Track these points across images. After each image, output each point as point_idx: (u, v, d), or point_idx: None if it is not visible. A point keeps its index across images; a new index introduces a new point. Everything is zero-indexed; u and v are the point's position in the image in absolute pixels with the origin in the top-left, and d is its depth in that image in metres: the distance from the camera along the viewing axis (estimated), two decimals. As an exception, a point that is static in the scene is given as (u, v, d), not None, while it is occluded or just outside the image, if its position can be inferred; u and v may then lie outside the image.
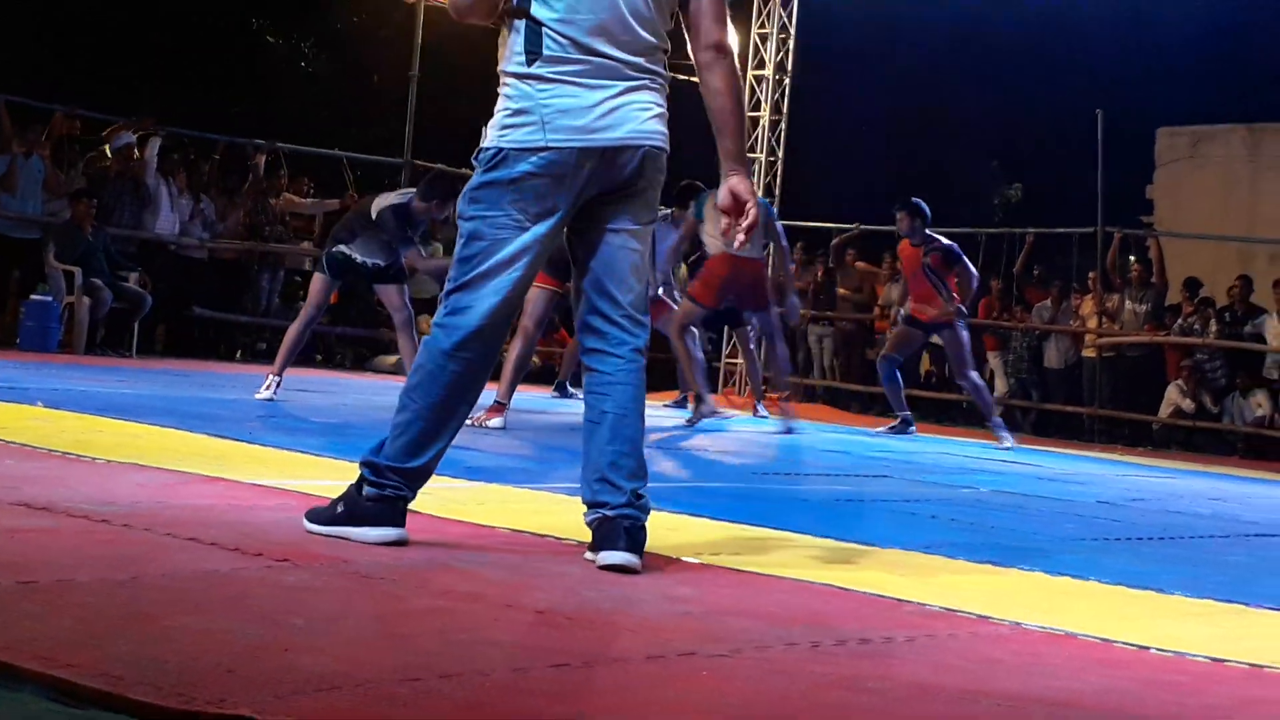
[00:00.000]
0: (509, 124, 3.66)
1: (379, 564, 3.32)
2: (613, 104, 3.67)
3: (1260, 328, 14.72)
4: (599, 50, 3.65)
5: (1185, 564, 5.05)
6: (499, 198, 3.64)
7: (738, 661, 2.66)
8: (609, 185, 3.72)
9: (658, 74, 3.79)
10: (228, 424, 6.56)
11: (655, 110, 3.76)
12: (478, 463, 6.06)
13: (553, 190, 3.64)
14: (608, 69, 3.67)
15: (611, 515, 3.63)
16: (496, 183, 3.64)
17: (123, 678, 2.10)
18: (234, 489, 4.45)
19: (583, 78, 3.64)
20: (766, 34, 16.44)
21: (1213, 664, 3.03)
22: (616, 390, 3.73)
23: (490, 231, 3.64)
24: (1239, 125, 21.15)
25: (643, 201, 3.80)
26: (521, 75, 3.66)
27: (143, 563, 3.08)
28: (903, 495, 6.74)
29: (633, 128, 3.69)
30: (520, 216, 3.64)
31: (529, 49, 3.65)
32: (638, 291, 3.81)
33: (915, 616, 3.33)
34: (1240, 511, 7.56)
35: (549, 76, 3.63)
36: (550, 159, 3.62)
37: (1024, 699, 2.58)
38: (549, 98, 3.62)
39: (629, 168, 3.71)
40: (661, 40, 3.79)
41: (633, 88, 3.71)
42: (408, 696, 2.18)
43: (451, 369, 3.64)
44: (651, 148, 3.74)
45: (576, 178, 3.65)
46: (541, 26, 3.64)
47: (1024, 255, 16.52)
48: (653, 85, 3.77)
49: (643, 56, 3.73)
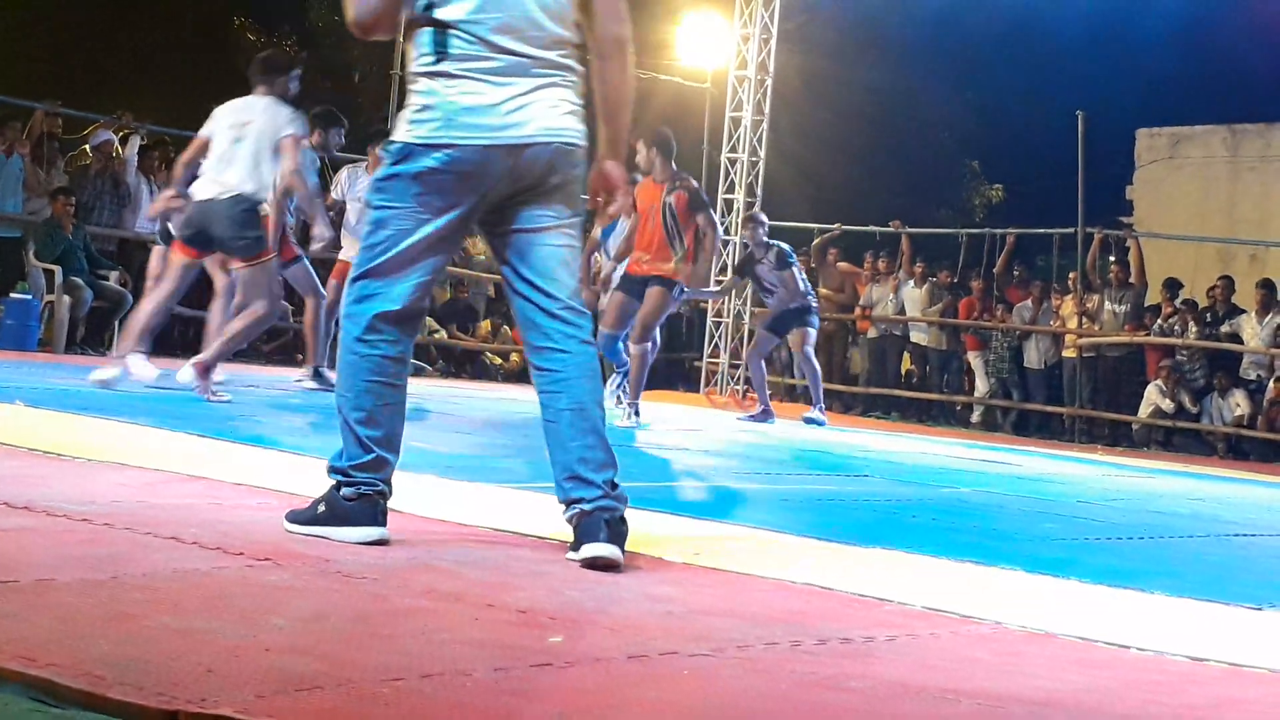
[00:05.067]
0: (415, 119, 3.71)
1: (361, 563, 3.32)
2: (521, 101, 3.71)
3: (1237, 327, 14.78)
4: (506, 47, 3.70)
5: (1165, 564, 5.07)
6: (404, 190, 3.70)
7: (719, 661, 2.66)
8: (522, 183, 3.76)
9: (569, 69, 3.83)
10: (208, 422, 6.54)
11: (568, 107, 3.81)
12: (460, 462, 6.06)
13: (457, 186, 3.69)
14: (516, 66, 3.71)
15: (589, 509, 3.64)
16: (401, 176, 3.70)
17: (104, 678, 2.10)
18: (215, 488, 4.44)
19: (490, 75, 3.69)
20: (748, 35, 16.45)
21: (1192, 663, 3.04)
22: (569, 386, 3.75)
23: (395, 222, 3.71)
24: (1218, 126, 21.20)
25: (561, 196, 3.83)
26: (429, 73, 3.71)
27: (123, 562, 3.07)
28: (884, 495, 6.75)
29: (542, 124, 3.74)
30: (424, 210, 3.69)
31: (436, 49, 3.70)
32: (572, 285, 3.85)
33: (896, 616, 3.33)
34: (1219, 511, 7.59)
35: (455, 73, 3.69)
36: (454, 155, 3.67)
37: (1005, 698, 2.59)
38: (455, 95, 3.67)
39: (540, 164, 3.75)
40: (572, 34, 3.83)
41: (543, 85, 3.76)
42: (389, 696, 2.18)
43: (366, 354, 3.69)
44: (562, 144, 3.78)
45: (483, 174, 3.69)
46: (448, 27, 3.69)
47: (1004, 255, 16.57)
48: (564, 82, 3.81)
49: (553, 52, 3.78)
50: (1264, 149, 20.43)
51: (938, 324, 16.60)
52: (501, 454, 7.23)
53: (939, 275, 16.86)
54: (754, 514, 5.26)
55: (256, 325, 8.43)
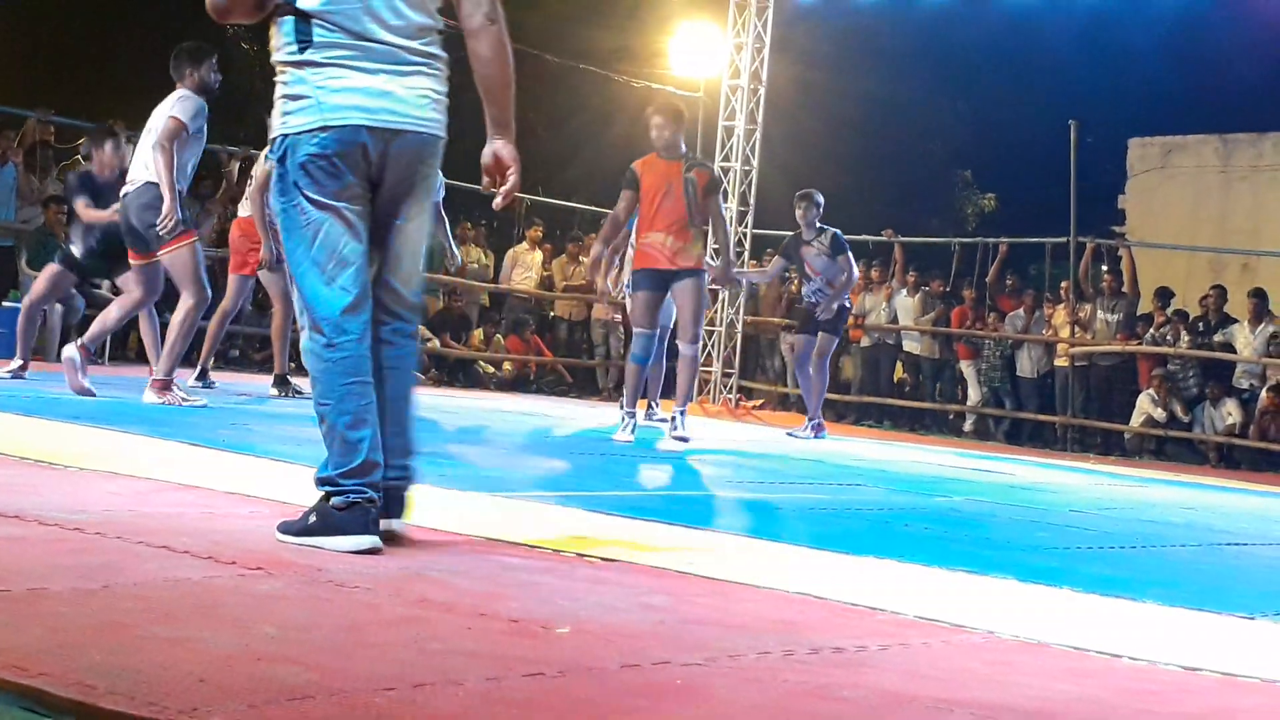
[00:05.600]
0: (288, 110, 3.76)
1: (352, 572, 3.31)
2: (389, 87, 3.75)
3: (1230, 337, 14.81)
4: (370, 35, 3.73)
5: (1157, 573, 5.07)
6: (296, 185, 3.73)
7: (712, 670, 2.66)
8: (388, 169, 3.79)
9: (434, 57, 3.86)
10: (200, 431, 6.53)
11: (433, 97, 3.85)
12: (452, 470, 6.05)
13: (341, 167, 3.72)
14: (381, 53, 3.74)
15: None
16: (290, 171, 3.74)
17: (95, 687, 2.09)
18: (207, 497, 4.43)
19: (357, 62, 3.72)
20: (741, 44, 16.47)
21: (1185, 673, 3.04)
22: (394, 376, 3.87)
23: (301, 220, 3.74)
24: (1210, 136, 21.25)
25: (423, 189, 3.90)
26: (296, 63, 3.74)
27: (115, 571, 3.06)
28: (877, 504, 6.75)
29: (411, 113, 3.79)
30: (322, 196, 3.72)
31: (299, 39, 3.73)
32: (417, 280, 3.94)
33: (889, 625, 3.33)
34: (1212, 520, 7.60)
35: (322, 62, 3.72)
36: (332, 137, 3.70)
37: (997, 708, 2.58)
38: (324, 81, 3.70)
39: (408, 154, 3.80)
40: (434, 20, 3.87)
41: (408, 73, 3.79)
42: (381, 706, 2.18)
43: (338, 356, 3.72)
44: (429, 134, 3.83)
45: (361, 154, 3.73)
46: (310, 17, 3.72)
47: (997, 265, 16.60)
48: (429, 70, 3.85)
49: (416, 40, 3.81)
50: (1256, 159, 20.48)
51: (930, 333, 16.62)
52: (493, 463, 7.22)
53: (931, 284, 16.89)
54: (747, 523, 5.27)
55: (192, 316, 8.41)
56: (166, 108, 8.36)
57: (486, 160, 3.95)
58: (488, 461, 7.22)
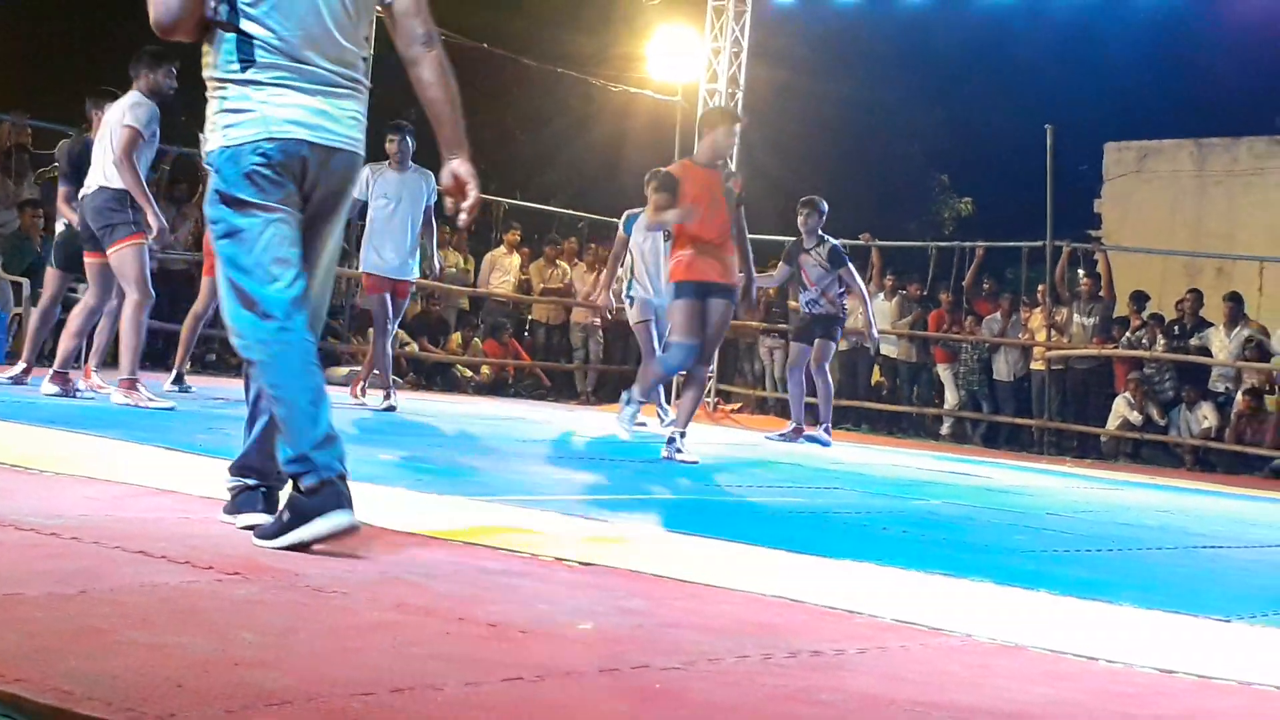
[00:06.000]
0: (231, 123, 3.86)
1: (330, 577, 3.30)
2: (324, 108, 3.91)
3: (1206, 340, 14.87)
4: (308, 59, 3.89)
5: (1133, 576, 5.09)
6: (237, 192, 3.83)
7: (690, 674, 2.66)
8: (323, 189, 3.95)
9: (361, 83, 4.06)
10: (177, 435, 6.51)
11: (359, 119, 4.05)
12: (430, 474, 6.05)
13: (282, 177, 3.85)
14: (318, 77, 3.90)
15: (253, 484, 3.95)
16: (232, 180, 3.83)
17: (72, 693, 2.08)
18: (184, 501, 4.42)
19: (296, 84, 3.86)
20: (719, 48, 16.49)
21: (1161, 675, 3.06)
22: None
23: (244, 224, 3.83)
24: (1186, 140, 21.33)
25: (342, 203, 4.08)
26: (237, 80, 3.85)
27: (92, 576, 3.05)
28: (854, 507, 6.76)
29: (344, 133, 3.97)
30: (266, 203, 3.83)
31: (241, 58, 3.85)
32: (325, 295, 4.10)
33: (867, 628, 3.34)
34: (1187, 523, 7.62)
35: (266, 81, 3.85)
36: (275, 149, 3.83)
37: (975, 710, 2.59)
38: (268, 99, 3.84)
39: (340, 170, 3.97)
40: (362, 49, 4.06)
41: (340, 95, 3.96)
42: (359, 711, 2.17)
43: (293, 341, 3.80)
44: (356, 153, 4.03)
45: (302, 167, 3.88)
46: (251, 38, 3.84)
47: (974, 268, 16.64)
48: (357, 94, 4.04)
49: (348, 66, 3.99)
50: (1231, 163, 20.57)
51: (907, 336, 16.66)
52: (472, 466, 7.21)
53: (909, 288, 16.93)
54: (725, 526, 5.26)
55: (139, 313, 8.53)
56: (119, 113, 8.38)
57: (446, 181, 4.07)
58: (465, 465, 7.21)
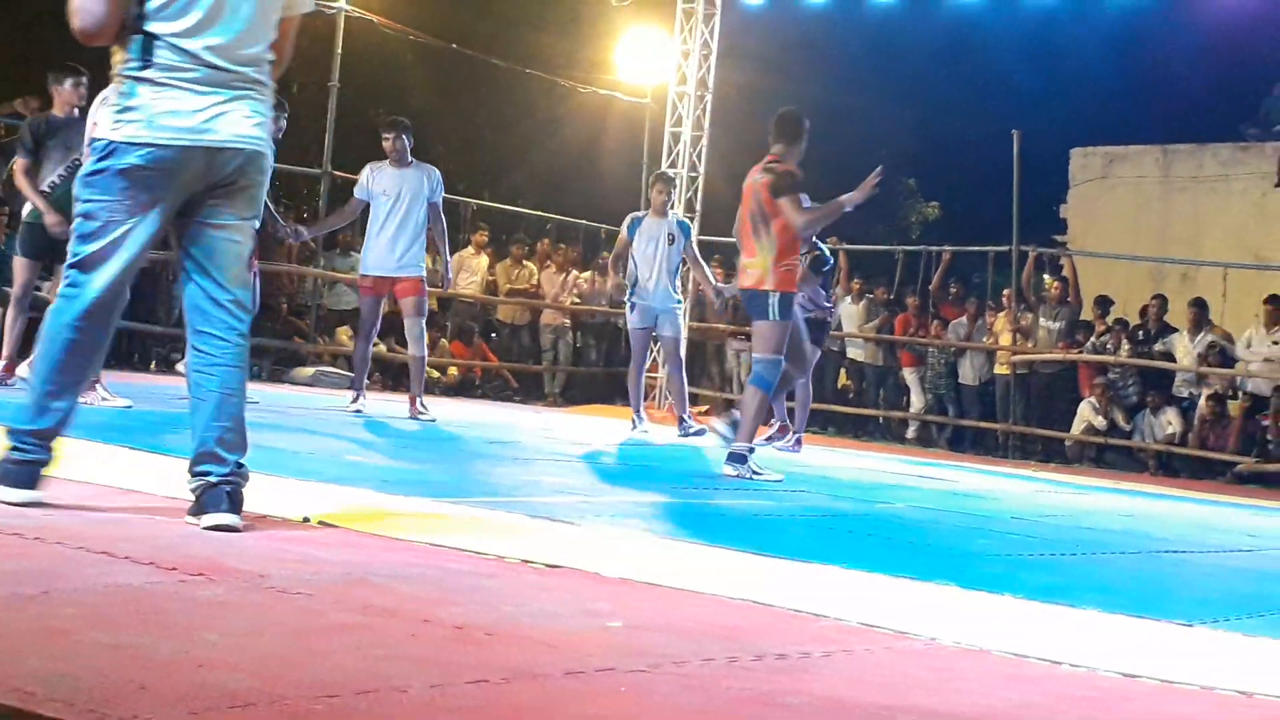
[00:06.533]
0: (119, 120, 4.05)
1: (295, 578, 3.29)
2: (219, 109, 4.08)
3: (1170, 346, 14.96)
4: (208, 61, 4.07)
5: (1097, 580, 5.12)
6: (110, 185, 4.04)
7: (656, 677, 2.67)
8: (213, 181, 4.11)
9: (263, 84, 4.22)
10: (141, 435, 6.47)
11: (258, 118, 4.19)
12: (396, 476, 6.04)
13: (159, 182, 4.04)
14: (216, 78, 4.08)
15: (215, 481, 4.01)
16: (107, 172, 4.06)
17: (34, 694, 2.07)
18: (148, 501, 4.40)
19: (191, 84, 4.05)
20: (688, 50, 16.50)
21: (1124, 679, 3.07)
22: (221, 371, 4.12)
23: (104, 215, 4.04)
24: (1152, 146, 21.45)
25: (244, 198, 4.21)
26: (136, 77, 4.05)
27: (55, 577, 3.03)
28: (820, 510, 6.78)
29: (236, 131, 4.11)
30: (130, 203, 4.03)
31: (143, 57, 4.05)
32: (243, 280, 4.20)
33: (832, 631, 3.35)
34: (1150, 528, 7.67)
35: (161, 81, 4.03)
36: (156, 154, 4.02)
37: (939, 714, 2.60)
38: (157, 99, 4.02)
39: (231, 166, 4.12)
40: (267, 52, 4.21)
41: (238, 96, 4.13)
42: (324, 714, 2.17)
43: (68, 338, 4.04)
44: (252, 151, 4.16)
45: (182, 172, 4.05)
46: (156, 38, 4.03)
47: (940, 272, 16.69)
48: (257, 95, 4.19)
49: (249, 68, 4.16)
50: (1196, 169, 20.70)
51: (874, 340, 16.69)
52: (438, 468, 7.20)
53: (875, 292, 16.97)
54: (690, 529, 5.27)
55: None
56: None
57: None
58: (431, 467, 7.20)
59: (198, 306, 4.15)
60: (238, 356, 4.15)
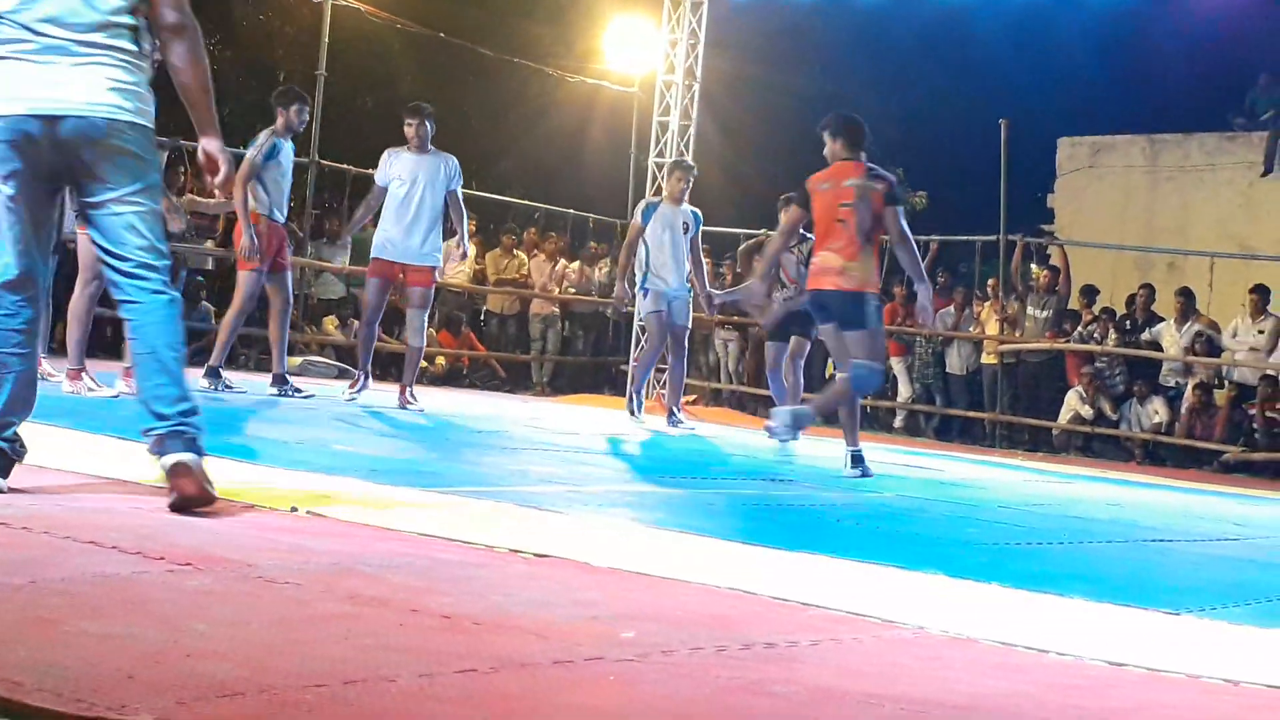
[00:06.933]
0: None
1: (283, 568, 3.29)
2: (59, 78, 4.07)
3: (1157, 335, 15.00)
4: (47, 32, 4.08)
5: (1084, 569, 5.13)
6: None
7: (644, 666, 2.67)
8: (72, 155, 4.11)
9: (117, 49, 4.16)
10: (128, 424, 6.45)
11: (110, 84, 4.13)
12: (384, 465, 6.03)
13: (9, 153, 4.08)
14: (56, 48, 4.08)
15: (164, 431, 4.13)
16: None
17: (22, 684, 2.07)
18: (136, 491, 4.39)
19: (31, 55, 4.07)
20: (675, 40, 16.48)
21: (1111, 668, 3.08)
22: (145, 331, 4.19)
23: None
24: (1138, 136, 21.46)
25: (114, 168, 4.16)
26: None
27: (42, 566, 3.03)
28: (808, 499, 6.78)
29: (81, 99, 4.08)
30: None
31: None
32: (140, 243, 4.18)
33: (820, 620, 3.35)
34: (1137, 517, 7.69)
35: (3, 54, 4.08)
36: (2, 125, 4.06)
37: (927, 703, 2.61)
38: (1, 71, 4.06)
39: (79, 136, 4.09)
40: (124, 17, 4.16)
41: (84, 64, 4.10)
42: (312, 703, 2.16)
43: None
44: (101, 118, 4.10)
45: (27, 141, 4.07)
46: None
47: (928, 262, 16.68)
48: (110, 61, 4.14)
49: (98, 34, 4.13)
50: (1182, 159, 20.71)
51: (862, 329, 16.68)
52: (426, 458, 7.20)
53: (864, 281, 16.95)
54: (679, 518, 5.27)
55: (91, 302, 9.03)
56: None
57: (201, 159, 4.40)
58: (419, 456, 7.20)
59: (111, 281, 4.25)
60: (156, 311, 4.18)
